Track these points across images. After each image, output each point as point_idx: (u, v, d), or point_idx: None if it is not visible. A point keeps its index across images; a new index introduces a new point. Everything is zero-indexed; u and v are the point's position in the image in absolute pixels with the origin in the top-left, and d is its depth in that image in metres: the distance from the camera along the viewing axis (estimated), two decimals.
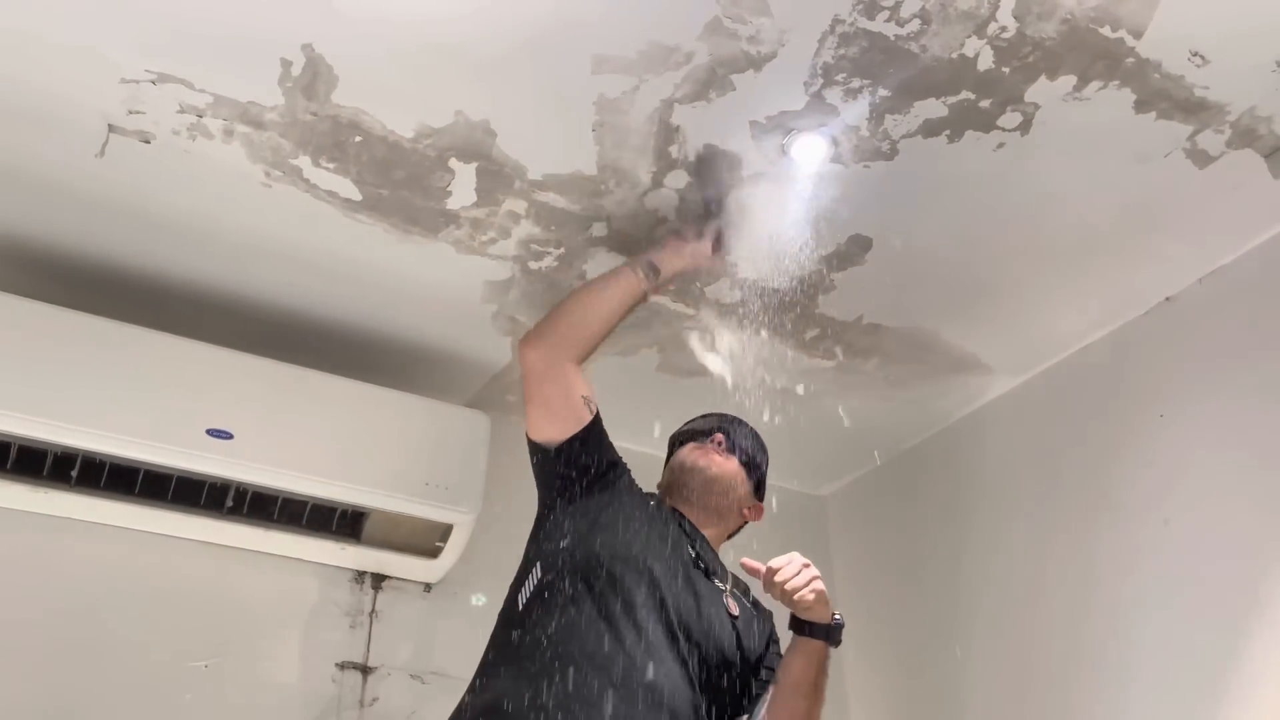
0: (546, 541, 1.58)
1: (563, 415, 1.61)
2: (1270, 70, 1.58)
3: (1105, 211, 1.86)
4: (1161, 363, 2.05)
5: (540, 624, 1.44)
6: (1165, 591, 1.91)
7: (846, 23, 1.50)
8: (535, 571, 1.53)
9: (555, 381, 1.62)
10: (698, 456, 1.73)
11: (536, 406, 1.63)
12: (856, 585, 2.68)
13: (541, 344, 1.64)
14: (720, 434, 1.77)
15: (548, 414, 1.62)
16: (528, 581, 1.53)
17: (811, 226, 1.89)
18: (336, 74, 1.59)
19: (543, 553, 1.56)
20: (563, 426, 1.60)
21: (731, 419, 1.82)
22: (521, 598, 1.51)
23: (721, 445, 1.76)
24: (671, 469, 1.76)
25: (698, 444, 1.76)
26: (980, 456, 2.42)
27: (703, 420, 1.82)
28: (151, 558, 1.94)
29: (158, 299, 2.02)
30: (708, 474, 1.71)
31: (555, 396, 1.61)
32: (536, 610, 1.47)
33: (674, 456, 1.77)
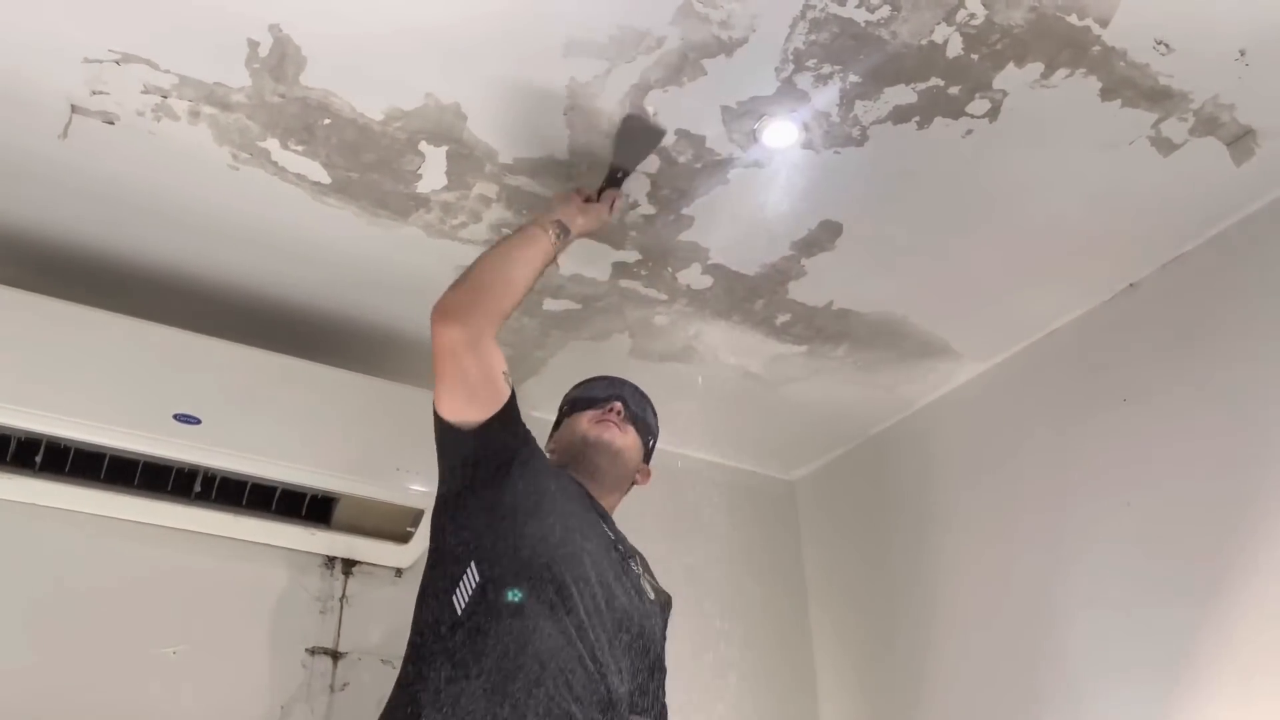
0: (472, 534, 1.47)
1: (483, 394, 1.49)
2: (1233, 59, 1.61)
3: (1071, 198, 1.88)
4: (1125, 348, 2.08)
5: (492, 632, 1.37)
6: (1127, 573, 1.95)
7: (817, 8, 1.50)
8: (471, 571, 1.43)
9: (478, 358, 1.49)
10: (600, 431, 1.69)
11: (455, 385, 1.49)
12: (825, 568, 2.71)
13: (461, 319, 1.49)
14: (618, 402, 1.73)
15: (468, 393, 1.48)
16: (464, 581, 1.43)
17: (782, 212, 1.91)
18: (305, 55, 1.57)
19: (474, 549, 1.46)
20: (483, 406, 1.49)
21: (623, 383, 1.79)
22: (458, 600, 1.42)
23: (621, 415, 1.72)
24: (573, 442, 1.70)
25: (596, 413, 1.71)
26: (948, 440, 2.45)
27: (597, 386, 1.78)
28: (118, 544, 1.92)
29: (124, 282, 1.99)
30: (612, 448, 1.68)
31: (476, 374, 1.49)
32: (482, 615, 1.39)
33: (571, 427, 1.72)
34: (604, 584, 1.48)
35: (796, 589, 2.75)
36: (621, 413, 1.72)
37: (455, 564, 1.46)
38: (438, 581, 1.47)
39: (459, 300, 1.52)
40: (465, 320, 1.49)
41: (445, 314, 1.50)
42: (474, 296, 1.53)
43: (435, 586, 1.47)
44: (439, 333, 1.48)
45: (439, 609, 1.43)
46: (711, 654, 2.44)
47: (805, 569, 2.79)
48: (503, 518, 1.47)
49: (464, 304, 1.52)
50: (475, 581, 1.42)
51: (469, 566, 1.44)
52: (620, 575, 1.55)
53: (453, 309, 1.51)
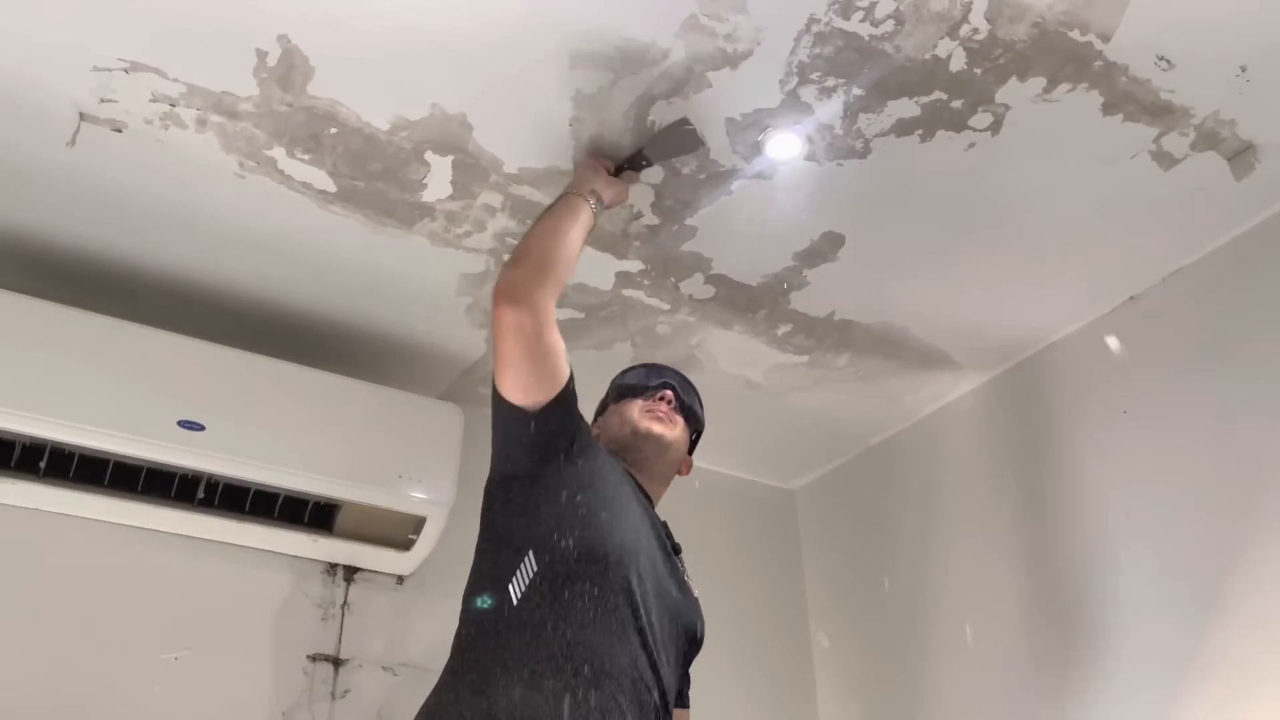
0: (530, 522, 1.43)
1: (550, 374, 1.45)
2: (1234, 74, 1.62)
3: (1072, 211, 1.89)
4: (1126, 360, 2.09)
5: (550, 625, 1.33)
6: (1127, 584, 1.95)
7: (822, 22, 1.52)
8: (529, 560, 1.39)
9: (545, 338, 1.44)
10: (652, 422, 1.66)
11: (521, 365, 1.44)
12: (825, 578, 2.72)
13: (528, 298, 1.44)
14: (669, 390, 1.71)
15: (536, 374, 1.44)
16: (520, 571, 1.38)
17: (785, 223, 1.92)
18: (313, 65, 1.58)
19: (532, 537, 1.42)
20: (548, 387, 1.45)
21: (673, 371, 1.78)
22: (514, 589, 1.37)
23: (672, 405, 1.70)
24: (622, 432, 1.66)
25: (646, 402, 1.69)
26: (949, 451, 2.46)
27: (646, 373, 1.76)
28: (121, 549, 1.93)
29: (129, 289, 2.00)
30: (663, 441, 1.66)
31: (544, 354, 1.44)
32: (540, 607, 1.35)
33: (621, 414, 1.69)
34: (658, 580, 1.47)
35: (796, 598, 2.75)
36: (673, 402, 1.70)
37: (512, 551, 1.41)
38: (492, 568, 1.43)
39: (524, 278, 1.47)
40: (532, 299, 1.45)
41: (512, 293, 1.45)
42: (537, 273, 1.48)
43: (489, 573, 1.43)
44: (506, 313, 1.44)
45: (492, 597, 1.39)
46: (711, 663, 2.43)
47: (805, 578, 2.79)
48: (563, 505, 1.43)
49: (529, 281, 1.47)
50: (533, 570, 1.38)
51: (527, 556, 1.40)
52: (671, 571, 1.53)
53: (520, 287, 1.46)
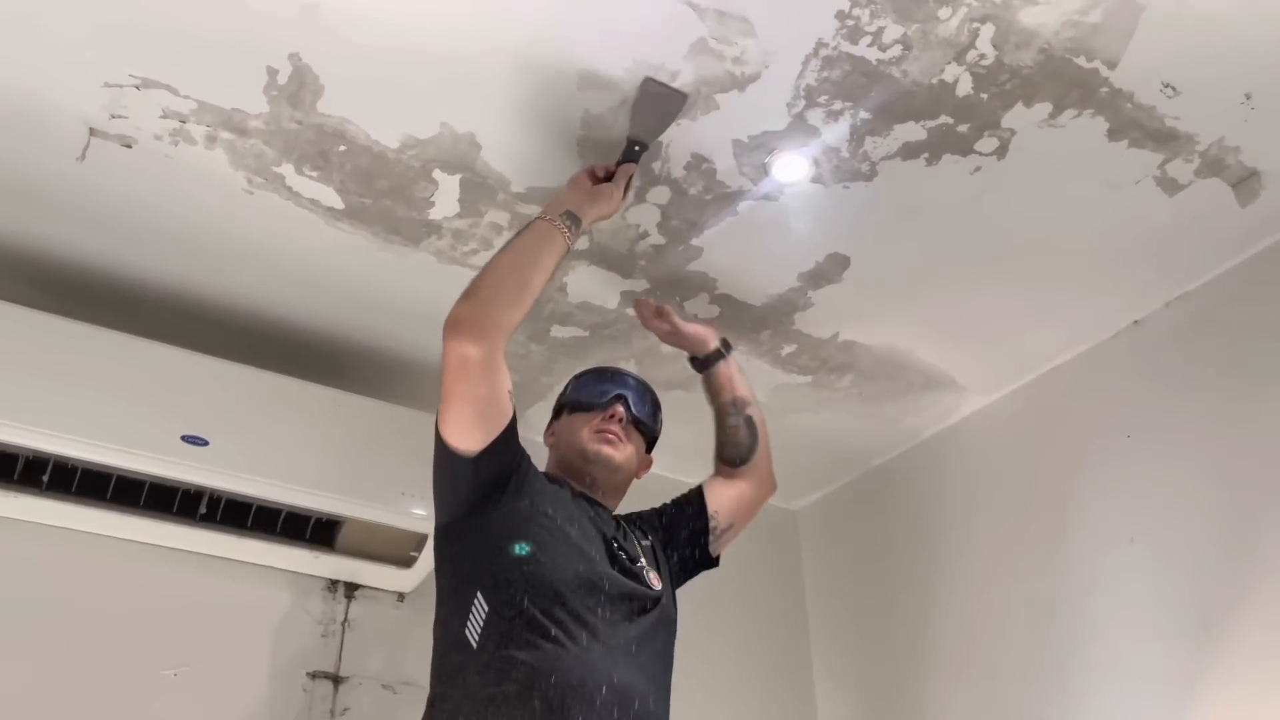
0: (475, 562, 1.44)
1: (491, 417, 1.42)
2: (1239, 102, 1.63)
3: (1077, 235, 1.90)
4: (1129, 384, 2.09)
5: (510, 663, 1.34)
6: (1130, 609, 1.95)
7: (830, 46, 1.53)
8: (479, 602, 1.40)
9: (489, 377, 1.41)
10: (600, 443, 1.63)
11: (464, 407, 1.40)
12: (827, 599, 2.71)
13: (475, 333, 1.40)
14: (619, 405, 1.66)
15: (477, 416, 1.41)
16: (474, 612, 1.39)
17: (790, 244, 1.92)
18: (323, 83, 1.59)
19: (478, 577, 1.42)
20: (488, 429, 1.42)
21: (625, 378, 1.73)
22: (470, 632, 1.38)
23: (623, 421, 1.66)
24: (571, 451, 1.64)
25: (597, 419, 1.65)
26: (951, 473, 2.45)
27: (598, 383, 1.71)
28: (121, 564, 1.92)
29: (135, 303, 2.00)
30: (614, 463, 1.63)
31: (487, 396, 1.41)
32: (497, 645, 1.36)
33: (571, 431, 1.66)
34: (613, 595, 1.45)
35: (798, 618, 2.74)
36: (623, 418, 1.66)
37: (462, 594, 1.42)
38: (448, 613, 1.44)
39: (472, 313, 1.42)
40: (479, 335, 1.40)
41: (458, 328, 1.40)
42: (487, 308, 1.43)
43: (447, 617, 1.44)
44: (451, 348, 1.39)
45: (453, 640, 1.40)
46: (711, 682, 2.43)
47: (807, 598, 2.78)
48: (503, 543, 1.43)
49: (477, 317, 1.42)
50: (485, 611, 1.39)
51: (476, 596, 1.40)
52: (628, 576, 1.50)
53: (466, 323, 1.41)
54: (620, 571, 1.51)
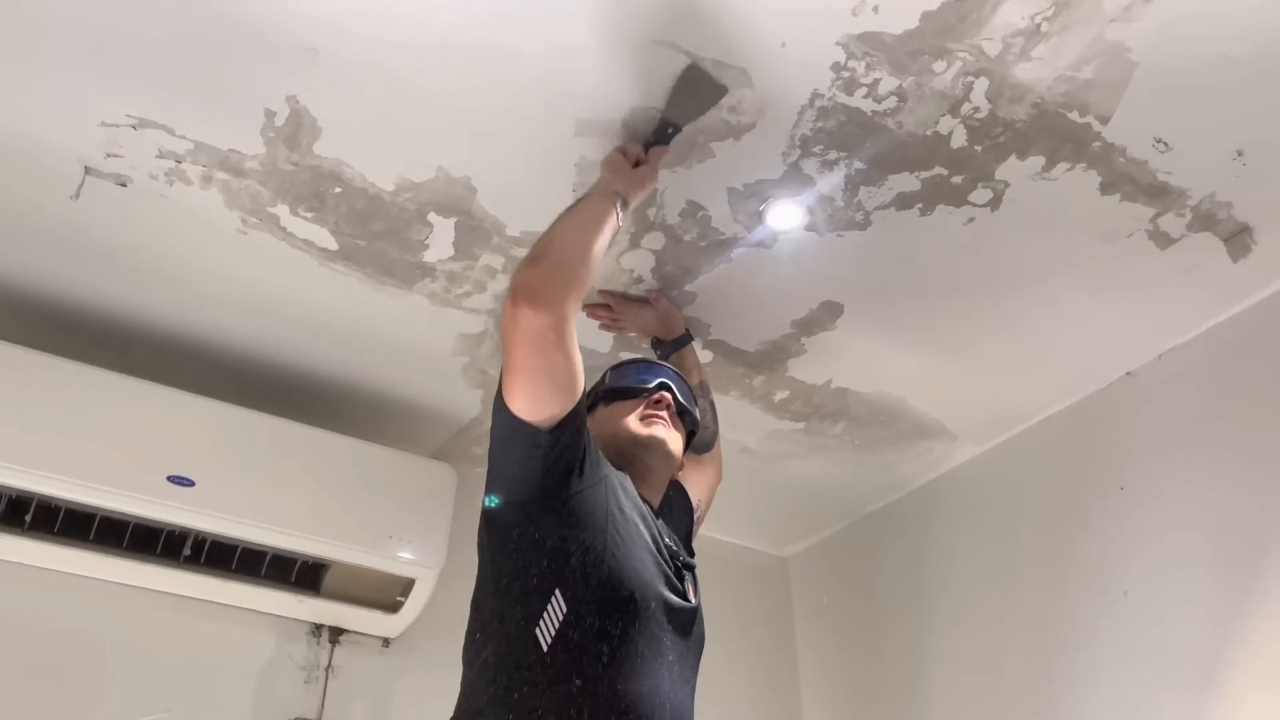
0: (552, 556, 1.31)
1: (568, 387, 1.30)
2: (1231, 158, 1.64)
3: (1070, 287, 1.90)
4: (1122, 436, 2.09)
5: (588, 673, 1.24)
6: (1124, 663, 1.93)
7: (825, 97, 1.54)
8: (556, 602, 1.27)
9: (567, 346, 1.30)
10: (654, 428, 1.55)
11: (537, 377, 1.28)
12: (817, 646, 2.69)
13: (549, 302, 1.29)
14: (666, 393, 1.59)
15: (554, 388, 1.29)
16: (549, 612, 1.27)
17: (784, 291, 1.93)
18: (320, 126, 1.59)
19: (557, 574, 1.29)
20: (565, 400, 1.30)
21: (665, 368, 1.66)
22: (543, 632, 1.26)
23: (671, 408, 1.58)
24: (618, 439, 1.53)
25: (642, 406, 1.57)
26: (943, 522, 2.44)
27: (641, 371, 1.63)
28: (105, 606, 1.89)
29: (125, 341, 1.99)
30: (666, 448, 1.54)
31: (564, 365, 1.29)
32: (575, 653, 1.25)
33: (614, 420, 1.56)
34: (670, 606, 1.37)
35: (788, 666, 2.72)
36: (671, 405, 1.58)
37: (535, 589, 1.29)
38: (511, 611, 1.29)
39: (544, 279, 1.31)
40: (553, 303, 1.29)
41: (531, 296, 1.29)
42: (560, 275, 1.33)
43: (506, 619, 1.29)
44: (523, 316, 1.28)
45: (517, 636, 1.27)
46: None
47: (797, 646, 2.76)
48: (586, 536, 1.31)
49: (550, 284, 1.31)
50: (562, 613, 1.27)
51: (554, 594, 1.28)
52: (679, 587, 1.43)
53: (540, 290, 1.29)
54: (673, 582, 1.42)
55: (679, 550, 1.50)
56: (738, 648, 2.62)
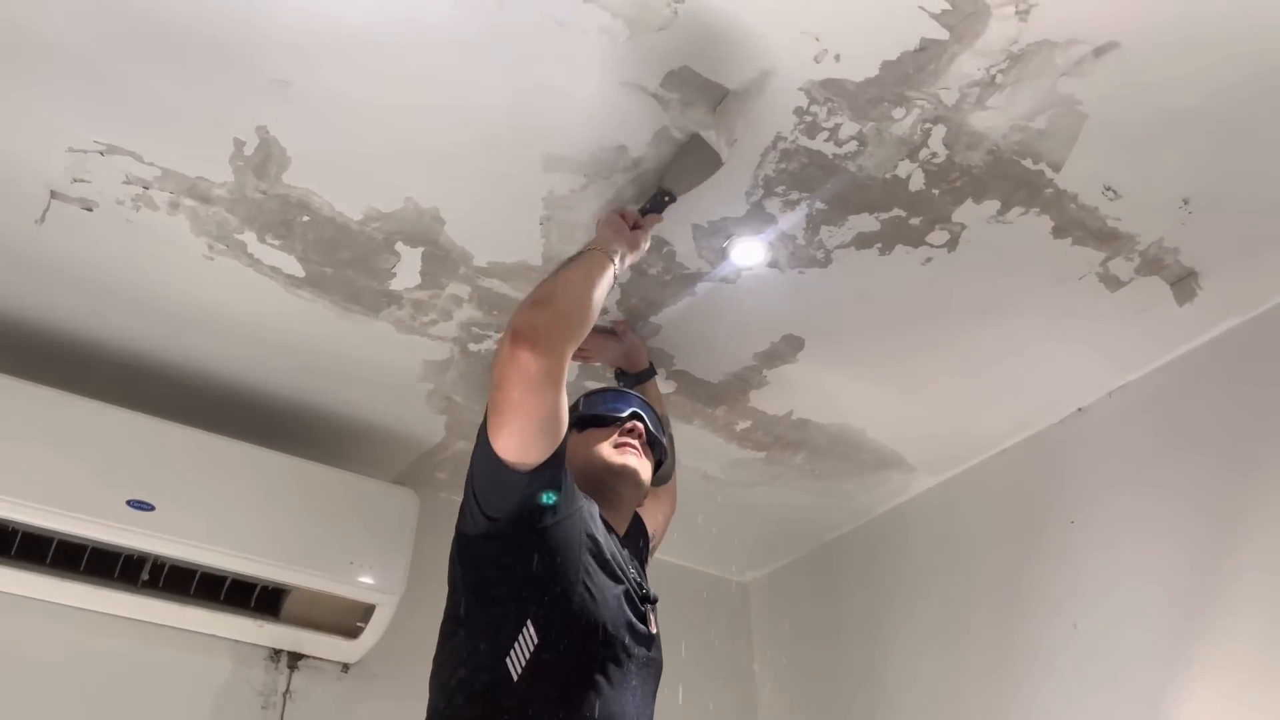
0: (525, 586, 1.32)
1: (552, 431, 1.33)
2: (1177, 206, 1.70)
3: (1024, 325, 1.95)
4: (1073, 470, 2.14)
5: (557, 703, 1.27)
6: (1073, 696, 1.97)
7: (788, 140, 1.58)
8: (528, 633, 1.29)
9: (557, 393, 1.32)
10: (627, 457, 1.57)
11: (528, 421, 1.30)
12: (776, 671, 2.71)
13: (548, 347, 1.30)
14: (638, 422, 1.61)
15: (539, 431, 1.31)
16: (519, 643, 1.29)
17: (747, 325, 1.96)
18: (289, 156, 1.61)
19: (526, 604, 1.31)
20: (549, 443, 1.32)
21: (636, 398, 1.68)
22: (513, 663, 1.28)
23: (642, 436, 1.61)
24: (591, 467, 1.54)
25: (615, 434, 1.59)
26: (901, 551, 2.48)
27: (612, 400, 1.65)
28: (60, 630, 1.88)
29: (86, 364, 1.99)
30: (638, 477, 1.57)
31: (552, 410, 1.32)
32: (537, 681, 1.27)
33: (587, 447, 1.57)
34: (639, 637, 1.40)
35: (746, 690, 2.74)
36: (643, 434, 1.61)
37: (507, 619, 1.31)
38: (481, 641, 1.31)
39: (548, 324, 1.33)
40: (553, 348, 1.31)
41: (534, 339, 1.30)
42: (563, 321, 1.35)
43: (477, 647, 1.31)
44: (522, 358, 1.28)
45: (486, 665, 1.29)
46: None
47: (755, 671, 2.78)
48: (561, 561, 1.34)
49: (553, 329, 1.33)
50: (533, 643, 1.29)
51: (525, 626, 1.29)
52: (643, 614, 1.45)
53: (543, 334, 1.31)
54: (638, 609, 1.44)
55: (642, 580, 1.53)
56: (699, 670, 2.63)
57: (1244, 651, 1.74)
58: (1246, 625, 1.75)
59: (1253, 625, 1.74)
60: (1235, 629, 1.76)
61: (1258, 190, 1.66)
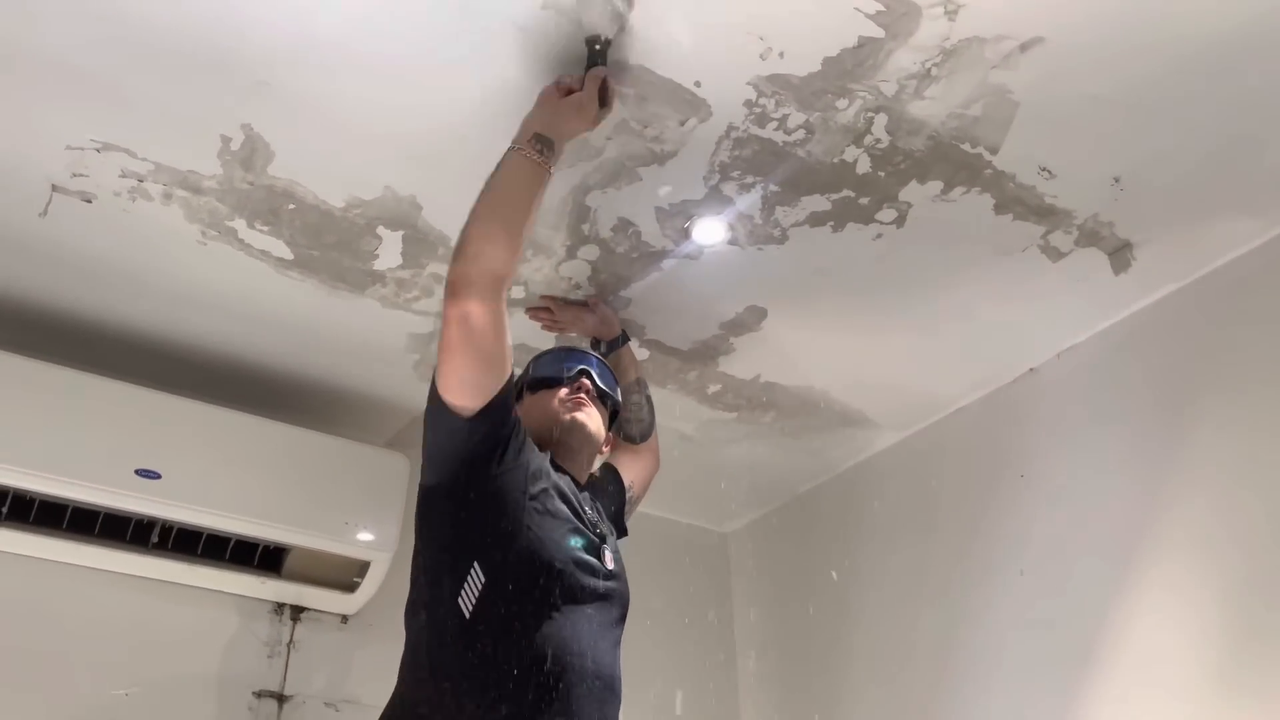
0: (473, 529, 1.40)
1: (493, 374, 1.38)
2: (1109, 184, 1.80)
3: (972, 294, 2.06)
4: (1024, 427, 2.27)
5: (506, 637, 1.35)
6: (1020, 636, 2.13)
7: (740, 129, 1.68)
8: (475, 572, 1.37)
9: (495, 334, 1.37)
10: (575, 412, 1.65)
11: (465, 364, 1.36)
12: (754, 614, 2.88)
13: (479, 291, 1.36)
14: (585, 379, 1.69)
15: (479, 374, 1.37)
16: (469, 581, 1.37)
17: (712, 297, 2.08)
18: (273, 150, 1.72)
19: (476, 547, 1.39)
20: (489, 387, 1.38)
21: (584, 354, 1.77)
22: (464, 602, 1.36)
23: (591, 393, 1.69)
24: (544, 425, 1.63)
25: (565, 392, 1.67)
26: (867, 502, 2.62)
27: (561, 360, 1.74)
28: (77, 589, 2.03)
29: (92, 343, 2.11)
30: (586, 430, 1.65)
31: (490, 353, 1.37)
32: (492, 618, 1.36)
33: (540, 406, 1.66)
34: (593, 571, 1.48)
35: (725, 632, 2.91)
36: (591, 390, 1.69)
37: (457, 563, 1.39)
38: (438, 584, 1.40)
39: (465, 272, 1.37)
40: (477, 291, 1.36)
41: (455, 290, 1.37)
42: (479, 262, 1.38)
43: (435, 590, 1.40)
44: (452, 309, 1.36)
45: (442, 614, 1.37)
46: (641, 695, 2.57)
47: (734, 614, 2.94)
48: (505, 513, 1.41)
49: (471, 273, 1.37)
50: (481, 581, 1.37)
51: (473, 566, 1.38)
52: (602, 555, 1.54)
53: (461, 282, 1.37)
54: (591, 546, 1.52)
55: (599, 521, 1.63)
56: (682, 613, 2.81)
57: (1177, 597, 1.88)
58: (1180, 571, 1.89)
59: (1185, 571, 1.88)
60: (1170, 575, 1.90)
61: (1181, 168, 1.76)
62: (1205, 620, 1.82)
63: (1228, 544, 1.83)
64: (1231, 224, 1.89)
